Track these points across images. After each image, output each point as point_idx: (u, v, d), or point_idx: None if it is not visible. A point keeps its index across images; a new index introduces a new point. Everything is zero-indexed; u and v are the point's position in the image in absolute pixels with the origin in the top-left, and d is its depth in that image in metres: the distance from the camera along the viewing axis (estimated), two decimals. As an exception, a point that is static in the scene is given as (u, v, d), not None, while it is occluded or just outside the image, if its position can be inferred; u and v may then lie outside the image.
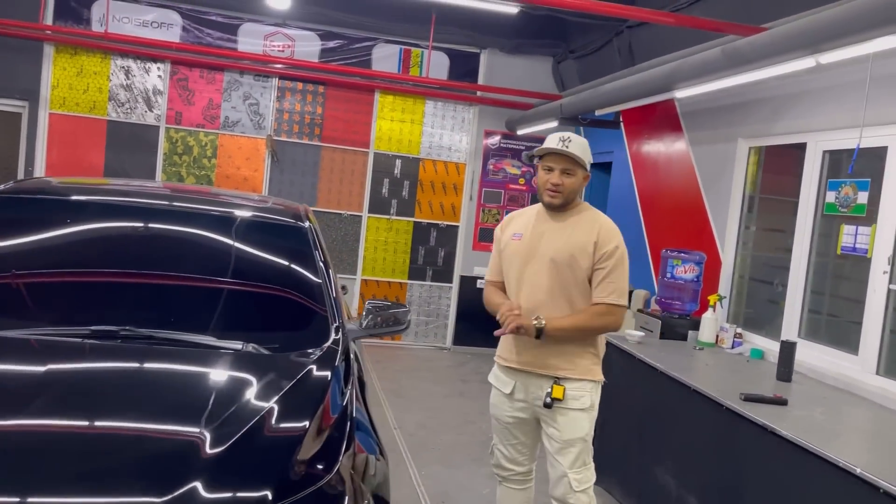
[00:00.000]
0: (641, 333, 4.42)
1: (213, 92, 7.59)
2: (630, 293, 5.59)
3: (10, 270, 2.63)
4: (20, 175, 7.16)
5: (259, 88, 7.68)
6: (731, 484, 3.19)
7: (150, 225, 3.00)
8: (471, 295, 8.16)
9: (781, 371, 3.77)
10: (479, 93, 8.00)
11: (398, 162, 7.98)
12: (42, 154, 7.28)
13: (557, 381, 2.87)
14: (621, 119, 6.69)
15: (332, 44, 7.72)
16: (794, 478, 2.80)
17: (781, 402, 3.25)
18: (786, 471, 2.84)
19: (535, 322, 2.77)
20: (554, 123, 6.56)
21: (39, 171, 7.23)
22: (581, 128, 6.81)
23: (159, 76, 7.46)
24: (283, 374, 2.29)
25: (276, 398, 2.11)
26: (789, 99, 4.39)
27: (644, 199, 6.24)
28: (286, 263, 3.06)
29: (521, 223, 3.06)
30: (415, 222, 8.09)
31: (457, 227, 8.18)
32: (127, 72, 7.40)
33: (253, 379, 2.21)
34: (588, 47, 7.00)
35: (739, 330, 4.58)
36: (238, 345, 2.45)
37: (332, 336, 2.67)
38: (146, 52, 7.34)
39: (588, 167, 2.93)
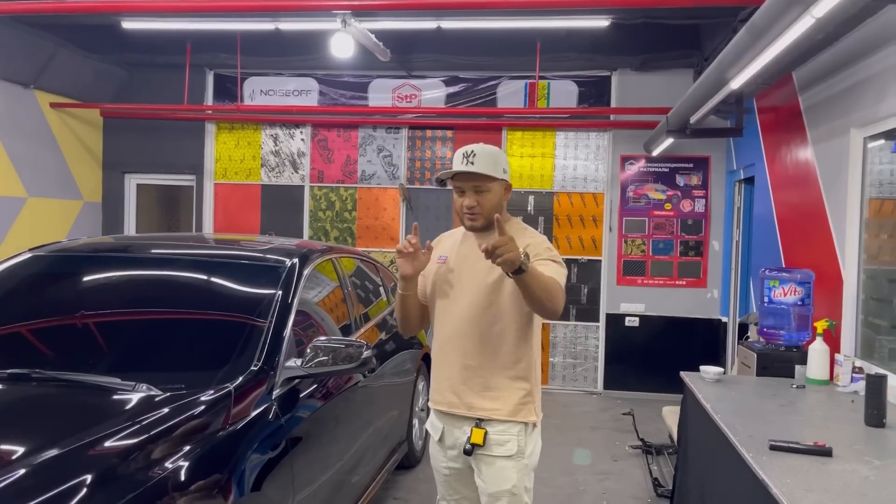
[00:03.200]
0: (719, 370, 3.70)
1: (349, 149, 7.99)
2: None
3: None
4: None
5: (391, 140, 7.94)
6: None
7: (122, 274, 3.20)
8: (620, 334, 7.56)
9: (870, 413, 2.93)
10: (612, 117, 7.52)
11: (531, 198, 7.71)
12: (210, 219, 8.16)
13: (479, 423, 2.48)
14: (758, 124, 5.83)
15: (456, 88, 7.78)
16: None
17: (822, 453, 2.51)
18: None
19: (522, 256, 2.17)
20: (668, 141, 5.92)
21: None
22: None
23: (302, 139, 8.05)
24: (135, 414, 2.24)
25: (101, 435, 2.08)
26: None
27: (781, 215, 5.33)
28: (234, 302, 3.05)
29: (448, 245, 2.71)
30: (553, 259, 7.69)
31: (599, 261, 7.65)
32: (275, 139, 8.09)
33: (100, 417, 2.20)
34: (720, 50, 6.25)
35: (859, 363, 3.66)
36: (130, 385, 2.46)
37: (241, 378, 2.58)
38: (290, 118, 7.98)
39: (506, 176, 2.55)
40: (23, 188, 6.93)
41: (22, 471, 1.89)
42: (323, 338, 2.95)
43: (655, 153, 7.03)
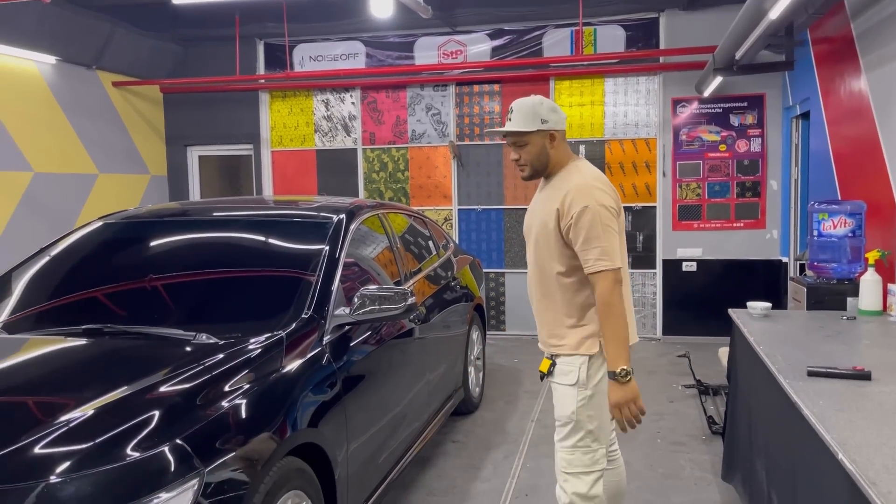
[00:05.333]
0: (766, 305, 3.70)
1: (398, 109, 8.08)
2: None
3: (49, 286, 3.20)
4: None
5: (439, 98, 7.99)
6: (801, 483, 2.54)
7: (183, 236, 3.43)
8: (677, 280, 7.52)
9: (916, 340, 2.90)
10: (661, 59, 7.36)
11: (582, 148, 7.67)
12: (269, 186, 8.43)
13: (552, 356, 2.73)
14: (812, 56, 5.65)
15: (501, 41, 7.74)
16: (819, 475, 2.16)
17: (860, 377, 2.52)
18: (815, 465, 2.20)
19: (620, 377, 2.50)
20: (717, 80, 5.79)
21: (268, 202, 8.37)
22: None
23: (352, 103, 8.18)
24: (196, 357, 2.45)
25: (165, 377, 2.29)
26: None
27: (836, 149, 5.19)
28: (286, 257, 3.23)
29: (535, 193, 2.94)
30: (607, 208, 7.67)
31: (654, 207, 7.58)
32: (326, 104, 8.25)
33: (165, 362, 2.42)
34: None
35: (913, 292, 3.60)
36: (191, 334, 2.66)
37: (293, 326, 2.76)
38: (339, 83, 8.11)
39: (548, 125, 2.67)
40: (94, 165, 7.30)
41: (98, 409, 2.12)
42: (372, 286, 3.10)
43: (707, 94, 6.88)
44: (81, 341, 2.68)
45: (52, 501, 1.81)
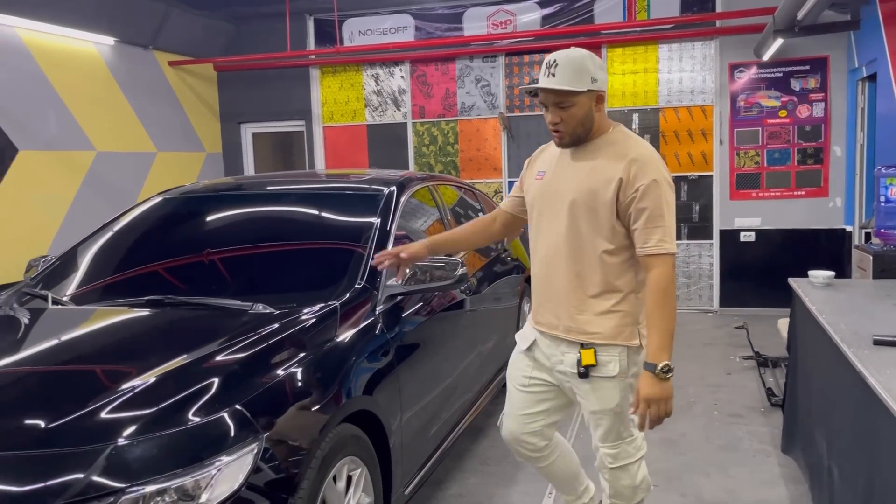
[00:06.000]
0: (829, 273, 3.58)
1: (448, 82, 8.04)
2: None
3: (109, 259, 3.32)
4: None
5: (488, 70, 7.91)
6: (864, 454, 2.48)
7: (239, 210, 3.51)
8: (735, 250, 7.35)
9: None
10: (718, 23, 7.13)
11: (635, 116, 7.52)
12: (321, 162, 8.51)
13: (584, 345, 2.40)
14: (880, 15, 5.39)
15: (552, 9, 7.61)
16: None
17: (929, 347, 2.43)
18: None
19: (662, 372, 2.24)
20: (777, 42, 5.57)
21: (320, 177, 8.46)
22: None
23: (402, 77, 8.17)
24: (253, 326, 2.51)
25: (224, 345, 2.36)
26: None
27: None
28: (338, 229, 3.27)
29: (546, 159, 2.57)
30: (661, 178, 7.51)
31: (710, 176, 7.39)
32: (376, 78, 8.25)
33: (223, 331, 2.49)
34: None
35: None
36: (248, 305, 2.72)
37: (347, 296, 2.79)
38: (388, 56, 8.11)
39: (597, 84, 2.32)
40: (152, 144, 7.49)
41: (160, 376, 2.19)
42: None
43: (766, 58, 6.64)
44: (144, 312, 2.77)
45: (121, 462, 1.88)
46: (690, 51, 7.34)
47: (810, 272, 3.62)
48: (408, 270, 2.99)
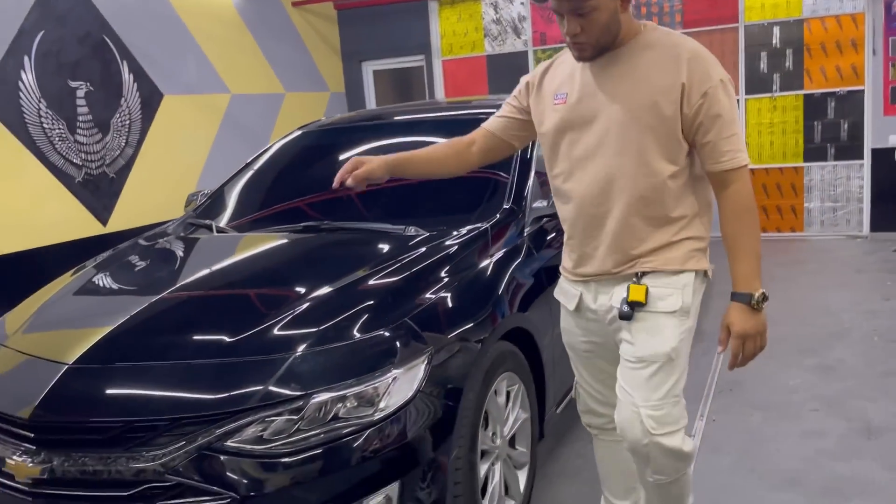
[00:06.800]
0: None
1: (570, 5, 7.74)
2: None
3: (268, 188, 3.46)
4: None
5: (613, -11, 7.54)
6: None
7: (382, 139, 3.58)
8: (889, 170, 6.81)
9: None
10: (873, -81, 6.46)
11: (776, 29, 6.99)
12: (441, 96, 8.49)
13: (636, 278, 1.98)
14: None
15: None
16: None
17: None
18: None
19: (757, 301, 1.89)
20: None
21: (441, 112, 8.46)
22: None
23: (521, 3, 7.94)
24: (409, 248, 2.57)
25: (385, 265, 2.44)
26: None
27: None
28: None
29: (561, 78, 2.05)
30: (805, 95, 7.01)
31: (861, 91, 6.81)
32: (495, 7, 8.07)
33: (382, 252, 2.57)
34: None
35: None
36: (401, 227, 2.78)
37: (496, 216, 2.80)
38: (507, -17, 7.89)
39: None
40: (280, 85, 7.70)
41: (329, 294, 2.29)
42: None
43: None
44: (306, 236, 2.89)
45: (303, 371, 1.99)
46: (840, -48, 6.70)
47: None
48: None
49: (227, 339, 2.13)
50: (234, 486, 1.87)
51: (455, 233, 2.70)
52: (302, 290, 2.35)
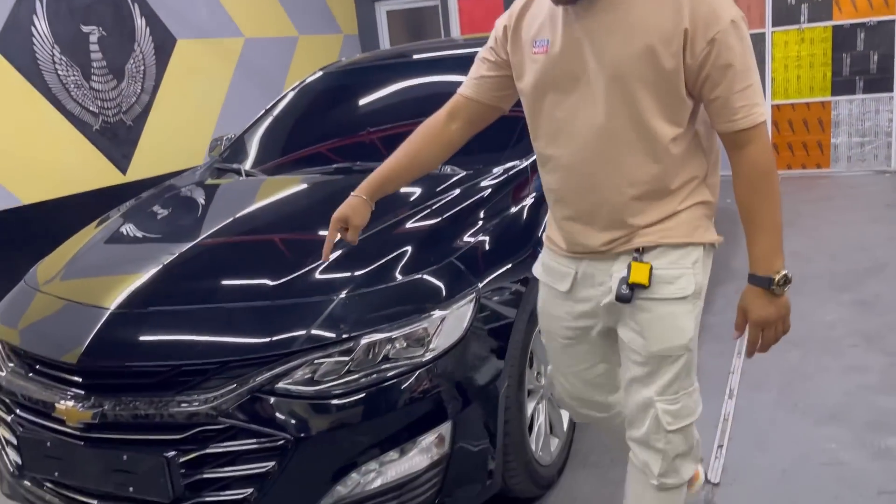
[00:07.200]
0: None
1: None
2: None
3: (297, 130, 3.40)
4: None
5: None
6: None
7: (407, 78, 3.48)
8: (920, 102, 6.61)
9: None
10: None
11: (803, -42, 6.73)
12: (457, 35, 8.28)
13: (637, 255, 1.67)
14: None
15: None
16: None
17: None
18: None
19: (777, 285, 1.63)
20: None
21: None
22: None
23: (539, -64, 7.66)
24: (448, 186, 2.52)
25: (425, 206, 2.40)
26: None
27: None
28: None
29: (538, 21, 1.68)
30: (834, 26, 6.78)
31: (891, 21, 6.58)
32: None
33: (420, 193, 2.52)
34: None
35: None
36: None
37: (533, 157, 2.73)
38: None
39: None
40: (293, 28, 7.53)
41: (371, 235, 2.23)
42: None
43: None
44: (338, 177, 2.83)
45: (347, 313, 1.96)
46: None
47: None
48: None
49: (269, 282, 2.11)
50: (287, 427, 1.86)
51: (492, 172, 2.63)
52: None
